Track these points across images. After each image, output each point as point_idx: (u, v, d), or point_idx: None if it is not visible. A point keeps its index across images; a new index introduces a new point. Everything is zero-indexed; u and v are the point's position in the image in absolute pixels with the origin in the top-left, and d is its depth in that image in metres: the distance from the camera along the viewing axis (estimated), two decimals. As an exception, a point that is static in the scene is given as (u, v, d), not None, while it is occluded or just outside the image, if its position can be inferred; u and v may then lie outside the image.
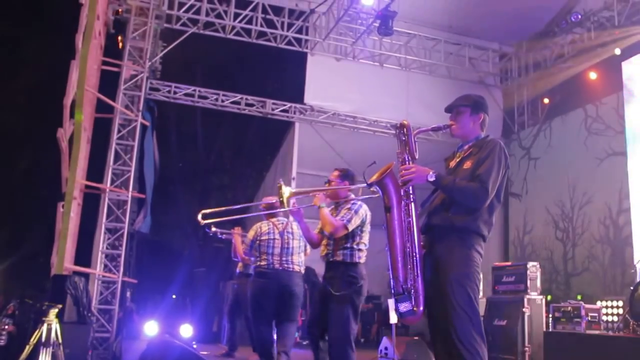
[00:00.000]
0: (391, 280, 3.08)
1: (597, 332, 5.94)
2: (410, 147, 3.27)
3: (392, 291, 3.06)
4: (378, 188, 3.19)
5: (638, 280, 6.20)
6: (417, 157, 3.26)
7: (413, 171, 3.15)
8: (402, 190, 3.15)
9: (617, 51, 9.29)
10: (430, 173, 3.14)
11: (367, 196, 4.28)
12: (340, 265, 4.28)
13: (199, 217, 4.78)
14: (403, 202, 3.14)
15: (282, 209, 4.65)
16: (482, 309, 7.67)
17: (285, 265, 5.27)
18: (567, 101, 10.71)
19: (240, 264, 6.76)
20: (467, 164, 3.26)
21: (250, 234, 5.43)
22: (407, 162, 3.24)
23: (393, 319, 7.02)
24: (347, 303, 4.19)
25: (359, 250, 4.33)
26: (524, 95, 11.92)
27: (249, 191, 17.17)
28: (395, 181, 3.15)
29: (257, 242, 5.33)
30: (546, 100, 11.22)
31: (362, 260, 4.34)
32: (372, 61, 11.28)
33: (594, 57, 9.88)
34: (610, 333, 6.15)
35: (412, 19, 10.86)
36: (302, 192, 4.43)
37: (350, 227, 4.26)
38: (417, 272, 3.05)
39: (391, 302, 7.40)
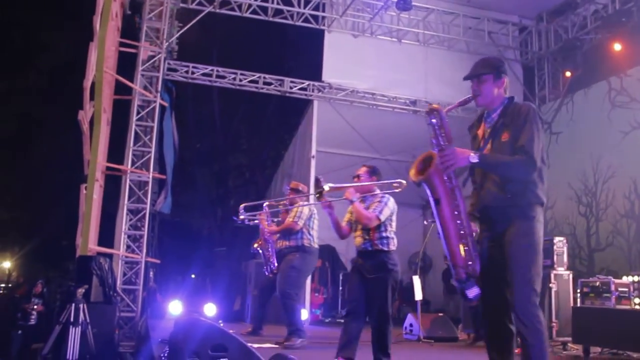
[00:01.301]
0: (452, 269, 3.04)
1: (627, 307, 5.87)
2: (446, 130, 3.09)
3: (455, 278, 3.01)
4: (425, 185, 3.07)
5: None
6: (452, 140, 3.09)
7: (454, 155, 3.01)
8: (446, 178, 3.04)
9: (642, 21, 9.07)
10: (472, 155, 3.03)
11: (390, 191, 4.75)
12: (378, 253, 4.64)
13: (241, 209, 5.31)
14: (449, 190, 3.05)
15: (317, 202, 4.96)
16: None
17: None
18: (589, 74, 10.51)
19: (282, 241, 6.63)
20: (505, 136, 3.17)
21: (306, 210, 6.31)
22: (443, 148, 3.07)
23: (418, 295, 7.03)
24: (386, 285, 4.56)
25: (392, 238, 4.71)
26: (545, 68, 11.72)
27: (268, 171, 17.20)
28: (439, 172, 3.03)
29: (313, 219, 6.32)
30: (568, 74, 11.02)
31: (394, 248, 4.71)
32: (390, 37, 11.15)
33: (618, 28, 9.66)
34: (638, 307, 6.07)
35: (431, -7, 10.71)
36: (339, 188, 4.73)
37: (382, 218, 4.62)
38: (473, 253, 3.01)
39: (416, 279, 7.42)
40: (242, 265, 11.97)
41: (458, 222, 3.01)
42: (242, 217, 6.85)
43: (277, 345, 6.11)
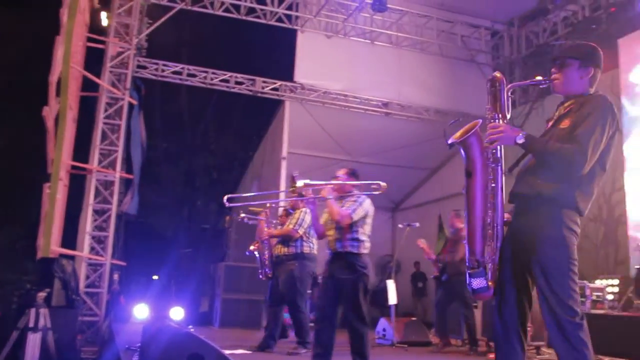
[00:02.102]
0: (467, 253, 2.81)
1: (602, 311, 5.89)
2: (502, 104, 2.84)
3: (467, 264, 2.79)
4: (461, 148, 2.80)
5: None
6: (508, 116, 2.86)
7: (501, 130, 2.76)
8: (488, 152, 2.79)
9: (612, 28, 9.17)
10: (520, 134, 2.75)
11: (369, 192, 4.68)
12: (348, 255, 4.57)
13: (225, 199, 5.12)
14: (488, 166, 2.79)
15: (299, 198, 5.03)
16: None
17: None
18: (560, 79, 10.58)
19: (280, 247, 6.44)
20: (565, 123, 2.88)
21: (308, 218, 6.12)
22: (496, 121, 2.84)
23: (392, 299, 6.95)
24: (356, 287, 4.51)
25: (363, 241, 4.63)
26: (516, 73, 11.80)
27: (236, 172, 16.98)
28: (481, 142, 2.78)
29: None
30: (539, 78, 11.09)
31: (366, 251, 4.65)
32: (364, 38, 11.08)
33: (588, 35, 9.76)
34: (616, 312, 6.10)
35: (404, -5, 10.67)
36: (315, 186, 4.66)
37: (355, 217, 4.55)
38: (496, 244, 2.76)
39: (390, 283, 7.34)
40: (210, 267, 11.76)
41: (488, 204, 2.76)
42: (242, 215, 6.78)
43: (249, 352, 6.00)
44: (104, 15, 9.60)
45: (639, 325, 5.08)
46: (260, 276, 6.73)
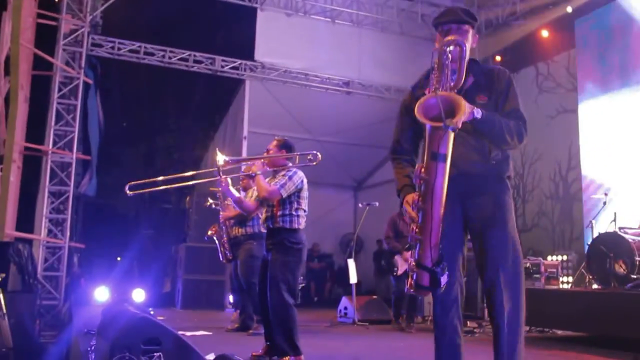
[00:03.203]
0: (425, 249, 2.48)
1: (556, 287, 6.05)
2: (460, 74, 2.49)
3: (431, 260, 2.46)
4: (433, 131, 2.43)
5: (594, 235, 6.33)
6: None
7: (464, 105, 2.50)
8: None
9: (569, 9, 9.31)
10: (477, 109, 2.58)
11: (304, 164, 4.42)
12: (280, 231, 4.40)
13: (127, 189, 4.60)
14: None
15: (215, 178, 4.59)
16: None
17: None
18: (518, 59, 10.74)
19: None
20: (483, 99, 2.76)
21: None
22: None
23: (353, 279, 7.00)
24: (284, 265, 4.31)
25: (298, 216, 4.45)
26: (476, 53, 11.87)
27: (197, 152, 16.79)
28: None
29: None
30: (498, 58, 11.22)
31: (302, 226, 4.47)
32: (324, 17, 11.00)
33: (546, 15, 9.89)
34: (569, 288, 6.28)
35: (365, -27, 10.61)
36: (239, 160, 4.63)
37: (284, 193, 4.37)
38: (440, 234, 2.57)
39: (350, 262, 7.39)
40: (171, 248, 11.66)
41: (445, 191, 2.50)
42: (210, 202, 6.70)
43: (210, 333, 5.98)
44: (56, -11, 9.30)
45: (589, 300, 5.24)
46: (222, 259, 6.70)
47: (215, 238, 6.69)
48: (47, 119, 8.80)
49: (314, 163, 4.33)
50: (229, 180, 4.56)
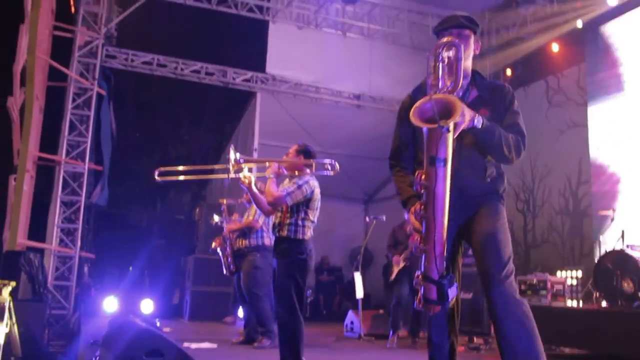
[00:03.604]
0: (431, 260, 2.40)
1: (561, 304, 6.02)
2: (457, 78, 2.39)
3: (436, 271, 2.38)
4: (441, 132, 2.32)
5: (601, 252, 6.28)
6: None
7: (465, 111, 2.45)
8: None
9: (579, 24, 9.31)
10: (478, 117, 2.51)
11: (321, 172, 4.34)
12: (285, 240, 4.35)
13: (156, 174, 4.68)
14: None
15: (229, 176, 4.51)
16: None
17: None
18: (529, 73, 10.74)
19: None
20: (484, 112, 2.67)
21: None
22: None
23: (359, 293, 7.00)
24: (288, 278, 4.26)
25: (304, 226, 4.37)
26: (487, 66, 11.90)
27: (209, 162, 16.88)
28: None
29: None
30: (508, 72, 11.24)
31: (307, 237, 4.38)
32: (335, 30, 11.07)
33: (556, 29, 9.89)
34: (575, 306, 6.24)
35: (376, -13, 10.67)
36: (254, 161, 4.60)
37: (290, 201, 4.30)
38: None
39: (357, 275, 7.39)
40: (181, 259, 11.72)
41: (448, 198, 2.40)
42: (215, 220, 6.73)
43: (215, 345, 5.99)
44: (72, 2, 9.45)
45: (594, 317, 5.21)
46: (225, 272, 6.74)
47: (219, 250, 6.74)
48: (61, 129, 8.91)
49: (332, 172, 4.28)
50: (253, 179, 4.48)
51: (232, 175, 4.33)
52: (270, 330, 5.99)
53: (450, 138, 2.34)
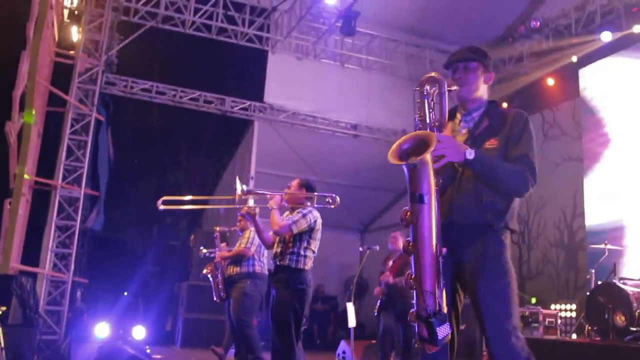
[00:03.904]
0: (415, 296, 2.33)
1: (554, 337, 5.99)
2: (443, 111, 2.46)
3: (422, 309, 2.29)
4: (408, 169, 2.32)
5: (593, 285, 6.28)
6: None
7: (449, 145, 2.40)
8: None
9: (574, 58, 9.44)
10: (468, 149, 2.43)
11: (322, 206, 4.49)
12: (285, 269, 4.43)
13: (159, 203, 4.72)
14: (434, 188, 2.35)
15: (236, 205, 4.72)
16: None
17: None
18: (525, 106, 10.81)
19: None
20: (492, 143, 2.62)
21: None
22: (432, 131, 2.45)
23: (351, 323, 6.96)
24: (287, 308, 4.33)
25: (305, 256, 4.47)
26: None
27: (206, 189, 16.90)
28: (431, 159, 2.32)
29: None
30: (504, 105, 11.33)
31: (308, 267, 4.48)
32: (334, 61, 11.21)
33: (551, 64, 10.02)
34: (567, 338, 6.21)
35: (375, 19, 10.80)
36: (258, 194, 4.59)
37: (295, 229, 4.40)
38: (440, 280, 2.36)
39: (349, 305, 7.34)
40: (175, 286, 11.67)
41: (435, 233, 2.33)
42: (203, 251, 6.82)
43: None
44: (74, 30, 9.59)
45: (585, 351, 5.18)
46: (215, 298, 6.72)
47: (210, 276, 6.73)
48: (58, 154, 8.96)
49: (332, 206, 4.42)
50: (257, 210, 4.65)
51: (237, 205, 4.49)
52: (259, 357, 5.93)
53: (426, 172, 2.29)
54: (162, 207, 4.71)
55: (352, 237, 14.46)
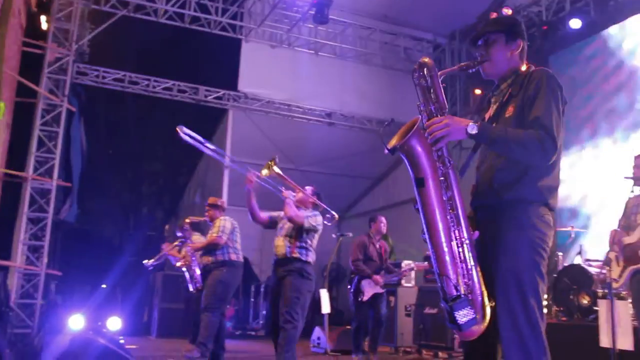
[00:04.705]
0: (438, 280, 2.29)
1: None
2: (438, 94, 2.37)
3: (443, 294, 2.26)
4: (403, 156, 2.33)
5: (560, 267, 6.41)
6: (447, 107, 2.41)
7: (447, 123, 2.26)
8: (434, 154, 2.30)
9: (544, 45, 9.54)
10: (470, 124, 2.29)
11: (322, 216, 5.05)
12: (296, 261, 4.84)
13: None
14: (439, 171, 2.30)
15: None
16: (413, 298, 7.80)
17: None
18: (497, 93, 10.93)
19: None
20: (510, 110, 2.48)
21: (228, 224, 6.28)
22: (434, 115, 2.35)
23: (325, 309, 7.03)
24: (298, 290, 4.75)
25: (311, 251, 4.95)
26: (457, 85, 12.11)
27: (182, 178, 16.86)
28: (425, 142, 2.29)
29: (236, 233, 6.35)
30: (478, 91, 11.43)
31: (311, 261, 4.93)
32: (307, 49, 11.20)
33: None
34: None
35: (348, 7, 10.82)
36: (284, 179, 4.95)
37: (307, 223, 4.84)
38: (468, 265, 2.27)
39: (323, 292, 7.41)
40: (150, 277, 11.65)
41: (449, 216, 2.28)
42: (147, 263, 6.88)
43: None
44: (43, 19, 9.45)
45: (551, 331, 5.27)
46: (191, 289, 6.72)
47: (184, 269, 6.71)
48: (29, 145, 8.86)
49: (329, 223, 5.09)
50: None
51: (264, 171, 4.83)
52: (205, 345, 5.88)
53: (421, 156, 2.29)
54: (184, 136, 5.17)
55: (329, 225, 14.53)
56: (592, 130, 8.35)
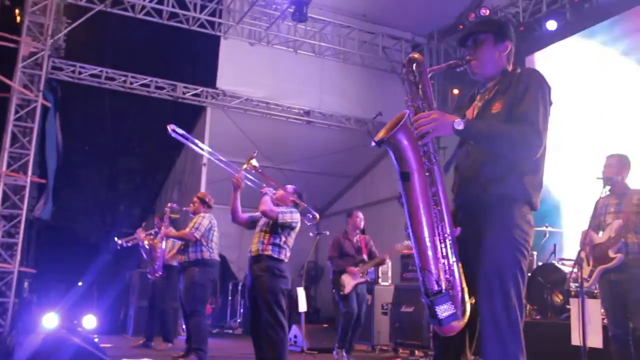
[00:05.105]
0: (419, 275, 2.31)
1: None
2: (426, 89, 2.40)
3: (424, 289, 2.28)
4: (389, 149, 2.33)
5: (535, 266, 6.48)
6: (435, 104, 2.43)
7: (434, 118, 2.28)
8: (420, 149, 2.31)
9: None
10: (457, 120, 2.31)
11: (303, 215, 5.14)
12: (269, 258, 4.79)
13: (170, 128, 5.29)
14: (425, 166, 2.31)
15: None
16: (390, 296, 7.83)
17: None
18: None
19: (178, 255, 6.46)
20: (497, 107, 2.50)
21: (206, 222, 6.22)
22: (422, 111, 2.37)
23: (302, 307, 7.03)
24: (272, 290, 4.71)
25: (285, 249, 4.88)
26: (435, 85, 12.18)
27: (159, 175, 16.74)
28: (412, 136, 2.29)
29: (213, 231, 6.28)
30: (455, 91, 11.51)
31: (285, 259, 4.88)
32: (287, 47, 11.17)
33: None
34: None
35: (327, 6, 10.82)
36: (263, 175, 5.09)
37: (281, 219, 4.80)
38: (450, 261, 2.29)
39: (300, 290, 7.42)
40: (126, 275, 11.55)
41: (434, 212, 2.30)
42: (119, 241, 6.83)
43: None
44: (17, 12, 9.31)
45: (525, 329, 5.34)
46: (149, 275, 6.69)
47: (147, 246, 6.66)
48: (2, 141, 8.73)
49: (309, 223, 5.18)
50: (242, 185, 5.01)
51: (242, 171, 4.93)
52: (201, 349, 5.90)
53: (407, 150, 2.29)
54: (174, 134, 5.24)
55: (307, 223, 14.53)
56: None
